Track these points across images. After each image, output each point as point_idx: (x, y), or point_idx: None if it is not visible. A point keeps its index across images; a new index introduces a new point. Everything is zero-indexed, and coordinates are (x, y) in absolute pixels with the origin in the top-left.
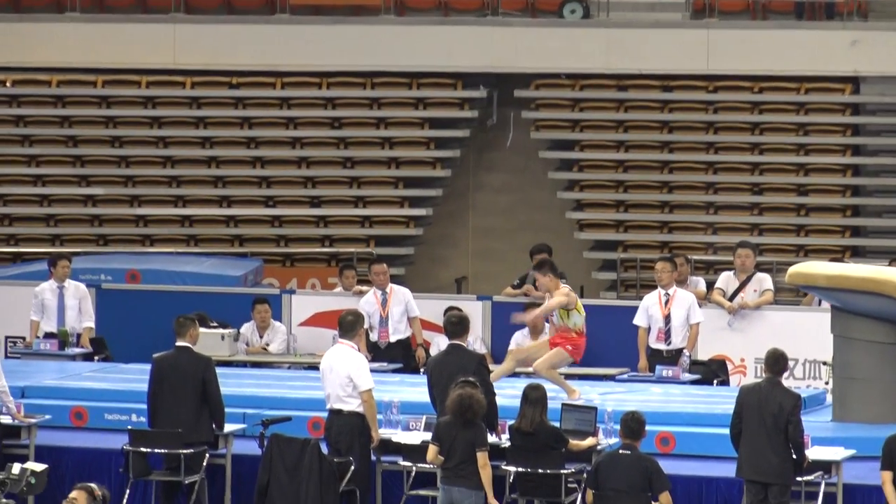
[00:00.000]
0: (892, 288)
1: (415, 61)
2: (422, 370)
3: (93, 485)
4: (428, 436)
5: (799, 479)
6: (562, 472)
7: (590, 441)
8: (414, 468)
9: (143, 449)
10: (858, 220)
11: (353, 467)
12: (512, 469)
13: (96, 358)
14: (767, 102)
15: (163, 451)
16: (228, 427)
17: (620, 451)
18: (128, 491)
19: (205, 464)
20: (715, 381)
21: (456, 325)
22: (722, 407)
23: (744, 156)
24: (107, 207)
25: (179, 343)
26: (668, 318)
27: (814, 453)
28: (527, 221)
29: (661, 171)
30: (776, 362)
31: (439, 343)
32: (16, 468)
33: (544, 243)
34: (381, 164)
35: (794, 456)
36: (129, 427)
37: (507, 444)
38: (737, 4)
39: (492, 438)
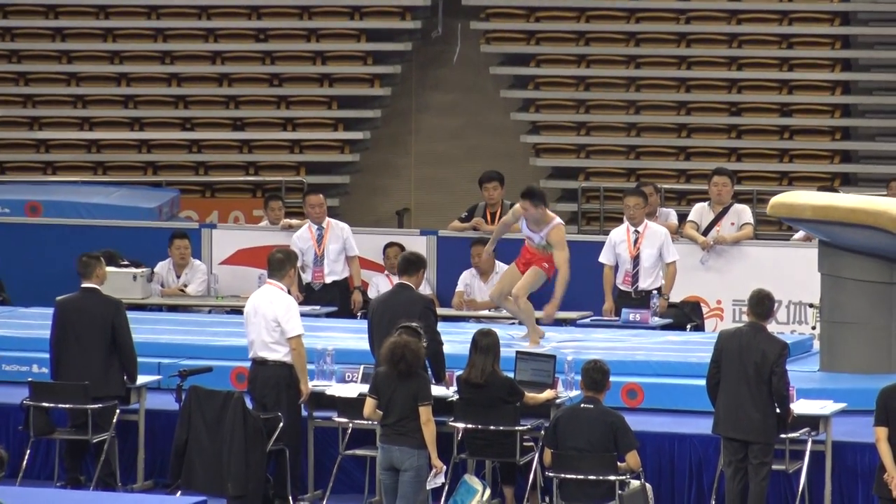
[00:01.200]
0: (886, 220)
1: None
2: (358, 315)
3: None
4: (365, 388)
5: (783, 436)
6: (516, 428)
7: (548, 394)
8: (350, 425)
9: (45, 404)
10: (849, 143)
11: (281, 424)
12: (460, 425)
13: None
14: (746, 11)
15: (67, 406)
16: (141, 379)
17: (582, 406)
18: (28, 451)
19: (115, 420)
20: (688, 326)
21: (411, 262)
22: (696, 355)
23: (720, 71)
24: (3, 131)
25: (85, 284)
26: (636, 260)
27: (799, 407)
28: (476, 146)
29: (627, 89)
30: (760, 304)
31: (378, 284)
32: None
33: (496, 171)
34: (312, 82)
35: (778, 410)
36: (30, 379)
37: (455, 397)
38: None
39: (438, 391)
